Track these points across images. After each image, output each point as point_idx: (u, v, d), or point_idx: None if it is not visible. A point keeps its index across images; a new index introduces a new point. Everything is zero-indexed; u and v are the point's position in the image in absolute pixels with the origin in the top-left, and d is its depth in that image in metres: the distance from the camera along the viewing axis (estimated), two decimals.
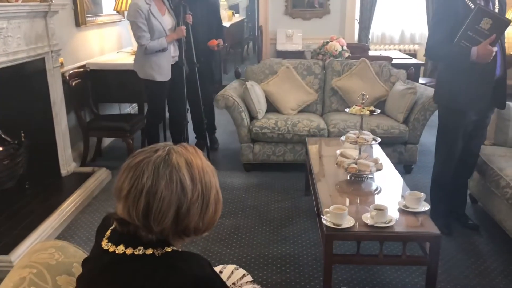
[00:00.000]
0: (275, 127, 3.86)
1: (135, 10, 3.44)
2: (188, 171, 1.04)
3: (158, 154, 1.04)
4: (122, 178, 1.04)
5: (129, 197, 1.02)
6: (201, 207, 1.06)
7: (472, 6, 2.57)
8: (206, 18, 4.18)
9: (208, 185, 1.07)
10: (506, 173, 2.76)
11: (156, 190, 1.00)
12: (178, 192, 1.02)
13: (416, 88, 3.91)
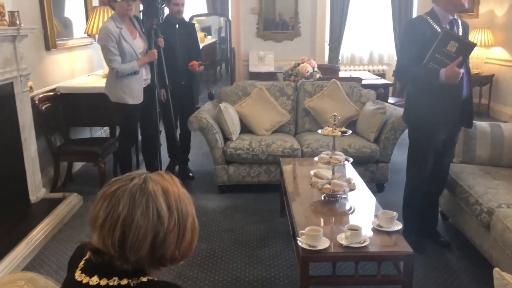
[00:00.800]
0: (250, 148, 3.87)
1: (105, 33, 3.43)
2: (165, 199, 1.04)
3: (134, 182, 1.03)
4: (98, 207, 1.03)
5: (104, 226, 1.00)
6: (178, 235, 1.05)
7: (439, 29, 2.67)
8: (185, 41, 4.20)
9: (185, 213, 1.07)
10: (475, 190, 2.84)
11: (132, 219, 0.99)
12: (154, 220, 1.01)
13: (385, 108, 4.00)
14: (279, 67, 6.60)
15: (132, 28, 3.61)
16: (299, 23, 6.92)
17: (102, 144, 3.98)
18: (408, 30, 2.82)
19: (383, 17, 7.01)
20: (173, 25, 4.16)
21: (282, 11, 7.01)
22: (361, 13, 7.09)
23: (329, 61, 7.02)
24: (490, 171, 3.11)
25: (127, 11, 3.49)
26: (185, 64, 4.15)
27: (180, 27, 4.20)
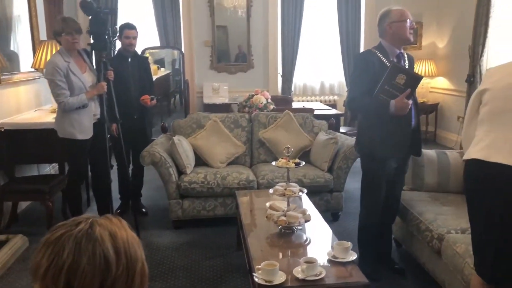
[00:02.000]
0: (205, 181, 3.83)
1: (52, 68, 3.34)
2: (113, 244, 0.99)
3: (80, 227, 0.99)
4: (40, 254, 0.97)
5: (47, 275, 0.94)
6: (126, 281, 1.00)
7: (387, 63, 2.79)
8: (138, 75, 4.16)
9: (134, 258, 1.03)
10: (425, 217, 2.92)
11: (77, 266, 0.94)
12: (101, 267, 0.96)
13: (337, 138, 4.09)
14: (234, 99, 6.64)
15: (81, 62, 3.54)
16: (252, 56, 7.04)
17: (49, 182, 3.82)
18: (358, 63, 2.93)
19: (332, 48, 7.24)
20: (125, 58, 4.12)
21: (235, 44, 7.12)
22: (312, 44, 7.30)
23: (282, 92, 7.13)
24: (439, 197, 3.22)
25: (73, 45, 3.42)
26: (137, 98, 4.09)
27: (132, 60, 4.16)
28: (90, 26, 3.41)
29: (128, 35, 4.05)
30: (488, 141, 2.00)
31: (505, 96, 1.99)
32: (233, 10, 6.99)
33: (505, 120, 1.98)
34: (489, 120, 2.05)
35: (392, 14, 2.80)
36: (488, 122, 2.05)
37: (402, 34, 2.79)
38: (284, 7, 6.88)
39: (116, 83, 3.86)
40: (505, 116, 1.98)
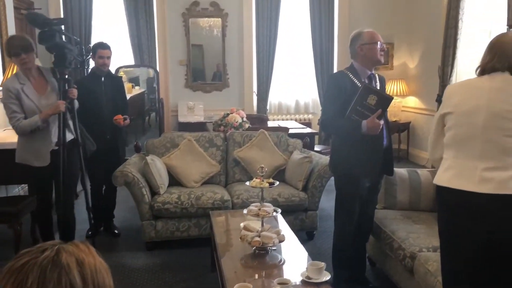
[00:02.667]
0: (178, 202, 3.79)
1: (5, 91, 3.23)
2: (80, 272, 0.97)
3: (46, 254, 0.96)
4: (2, 284, 0.93)
5: None
6: None
7: (359, 84, 2.84)
8: (111, 94, 4.10)
9: (102, 286, 1.00)
10: (398, 235, 2.95)
11: None
12: None
13: (311, 157, 4.12)
14: (209, 117, 6.65)
15: (42, 82, 3.33)
16: (227, 75, 7.07)
17: (17, 204, 3.69)
18: (331, 84, 2.98)
19: (307, 67, 7.34)
20: (98, 77, 4.07)
21: (210, 63, 7.15)
22: (287, 63, 7.39)
23: (258, 111, 7.17)
24: (411, 215, 3.26)
25: (23, 65, 3.22)
26: (110, 118, 4.04)
27: (106, 79, 4.11)
28: (38, 41, 3.21)
29: (101, 55, 4.01)
30: (457, 169, 2.05)
31: (469, 122, 2.03)
32: (208, 30, 7.04)
33: (471, 147, 2.02)
34: (455, 146, 2.09)
35: (363, 36, 2.86)
36: (455, 148, 2.10)
37: (373, 56, 2.86)
38: (259, 27, 6.97)
39: (89, 103, 3.80)
40: (470, 142, 2.02)
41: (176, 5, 6.80)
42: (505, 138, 1.95)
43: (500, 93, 1.98)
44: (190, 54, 6.94)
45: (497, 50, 2.02)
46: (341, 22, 7.17)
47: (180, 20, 6.86)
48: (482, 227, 1.98)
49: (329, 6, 7.08)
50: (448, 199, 2.09)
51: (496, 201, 1.94)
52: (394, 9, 7.16)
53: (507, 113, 1.95)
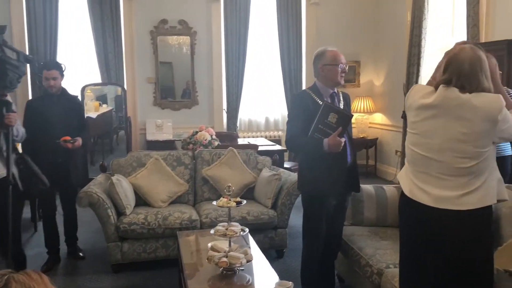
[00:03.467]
0: (145, 222, 3.71)
1: None
2: None
3: None
4: None
5: None
6: None
7: (320, 102, 2.87)
8: (65, 116, 3.83)
9: None
10: (365, 252, 2.96)
11: None
12: None
13: (280, 174, 4.12)
14: (178, 135, 6.59)
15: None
16: (196, 92, 7.05)
17: None
18: (294, 104, 3.00)
19: (276, 84, 7.40)
20: (50, 98, 3.82)
21: (180, 80, 7.12)
22: (256, 80, 7.42)
23: (228, 128, 7.16)
24: (378, 231, 3.29)
25: None
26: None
27: (59, 100, 3.84)
28: None
29: (46, 76, 3.76)
30: (418, 183, 2.10)
31: (427, 142, 2.08)
32: (178, 47, 7.03)
33: (428, 166, 2.08)
34: (415, 163, 2.14)
35: (325, 57, 2.90)
36: (414, 165, 2.15)
37: (333, 77, 2.89)
38: (228, 45, 7.00)
39: (38, 125, 3.62)
40: (428, 162, 2.08)
41: (144, 23, 6.77)
42: (459, 160, 2.00)
43: (454, 114, 2.01)
44: (158, 72, 6.90)
45: (453, 70, 2.04)
46: (309, 40, 7.29)
47: (148, 38, 6.83)
48: (438, 241, 2.04)
49: (296, 24, 7.19)
50: (409, 210, 2.14)
51: (451, 216, 2.00)
52: (360, 28, 7.34)
53: (463, 136, 1.99)
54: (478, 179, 2.00)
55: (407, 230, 2.21)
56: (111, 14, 6.62)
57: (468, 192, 2.00)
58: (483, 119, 1.96)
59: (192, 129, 5.32)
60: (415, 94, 2.18)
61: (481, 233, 2.05)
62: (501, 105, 1.97)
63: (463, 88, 2.01)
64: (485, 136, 1.98)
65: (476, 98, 1.99)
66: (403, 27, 6.49)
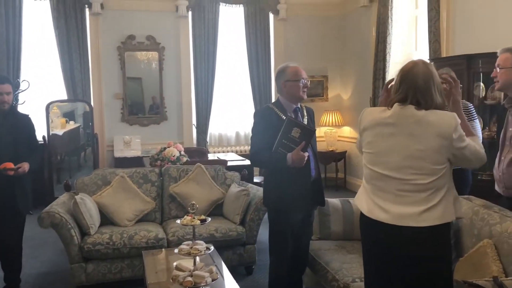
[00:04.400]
0: (110, 242, 3.62)
1: None
2: None
3: None
4: None
5: None
6: None
7: (284, 117, 2.88)
8: (11, 137, 3.50)
9: None
10: (332, 266, 2.96)
11: None
12: None
13: (249, 190, 4.10)
14: (147, 151, 6.51)
15: None
16: (165, 108, 7.00)
17: None
18: (257, 119, 3.01)
19: (246, 97, 7.42)
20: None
21: (150, 96, 7.07)
22: (226, 95, 7.43)
23: (198, 144, 7.12)
24: (345, 245, 3.30)
25: None
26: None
27: (6, 119, 3.51)
28: None
29: (0, 91, 3.44)
30: (377, 202, 2.11)
31: (384, 161, 2.09)
32: (147, 62, 6.99)
33: (387, 184, 2.09)
34: (372, 182, 2.16)
35: (286, 73, 2.93)
36: (372, 184, 2.16)
37: (295, 93, 2.92)
38: (197, 60, 7.01)
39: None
40: (386, 180, 2.09)
41: (111, 39, 6.71)
42: (416, 176, 2.02)
43: (410, 131, 2.03)
44: (126, 88, 6.83)
45: (409, 86, 2.06)
46: (277, 55, 7.36)
47: (116, 53, 6.77)
48: (399, 258, 2.05)
49: (265, 39, 7.27)
50: (370, 229, 2.15)
51: (412, 233, 2.01)
52: (327, 43, 7.47)
53: (418, 151, 2.01)
54: (436, 195, 2.02)
55: (369, 248, 2.22)
56: (76, 30, 6.54)
57: (428, 209, 2.00)
58: (438, 136, 1.99)
59: (161, 145, 5.27)
60: (368, 116, 2.20)
61: (442, 248, 2.07)
62: (455, 123, 2.00)
63: (418, 104, 2.04)
64: (440, 152, 2.00)
65: (431, 115, 2.02)
66: (369, 42, 6.64)
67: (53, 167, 6.84)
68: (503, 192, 2.75)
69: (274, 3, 7.23)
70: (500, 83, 2.67)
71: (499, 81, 2.66)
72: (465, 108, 3.74)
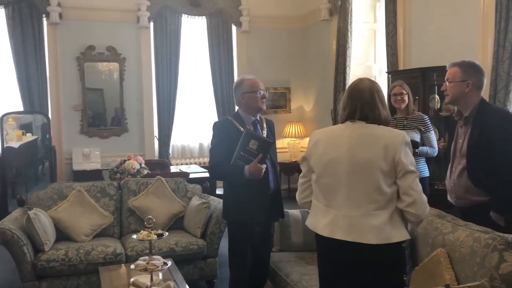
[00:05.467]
0: (65, 258, 3.50)
1: None
2: None
3: None
4: None
5: None
6: None
7: (242, 130, 2.88)
8: None
9: None
10: (291, 278, 2.96)
11: None
12: None
13: (210, 202, 4.06)
14: (107, 164, 6.36)
15: None
16: (126, 119, 6.88)
17: None
18: (216, 131, 3.00)
19: (210, 109, 7.37)
20: None
21: (112, 107, 6.93)
22: (189, 106, 7.36)
23: (160, 156, 7.02)
24: (305, 256, 3.30)
25: None
26: None
27: None
28: None
29: None
30: (330, 218, 2.11)
31: (333, 172, 2.11)
32: (108, 73, 6.87)
33: (337, 196, 2.10)
34: (323, 195, 2.17)
35: (243, 85, 2.94)
36: (323, 197, 2.17)
37: (254, 104, 2.93)
38: (159, 71, 6.94)
39: None
40: (337, 192, 2.10)
41: (70, 49, 6.56)
42: (367, 186, 2.04)
43: (358, 142, 2.08)
44: (85, 99, 6.68)
45: (356, 100, 2.12)
46: (240, 67, 7.39)
47: (75, 64, 6.62)
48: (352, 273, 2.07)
49: (228, 51, 7.28)
50: (323, 247, 2.17)
51: (363, 249, 2.02)
52: (290, 55, 7.55)
53: (367, 162, 2.04)
54: (386, 212, 2.03)
55: (323, 264, 2.24)
56: (34, 39, 6.36)
57: (378, 225, 2.01)
58: (386, 150, 2.02)
59: (122, 158, 5.17)
60: (317, 135, 2.24)
61: (394, 262, 2.09)
62: (403, 139, 2.04)
63: (366, 118, 2.10)
64: (390, 167, 2.02)
65: (381, 130, 2.08)
66: (329, 55, 6.76)
67: (8, 181, 6.58)
68: (455, 202, 2.83)
69: (237, 15, 7.27)
70: (449, 96, 2.76)
71: (449, 94, 2.75)
72: (421, 120, 3.87)
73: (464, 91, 2.67)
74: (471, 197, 2.69)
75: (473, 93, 2.68)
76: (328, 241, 2.11)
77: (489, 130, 2.59)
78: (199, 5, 7.05)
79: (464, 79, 2.67)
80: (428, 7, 5.07)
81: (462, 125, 2.79)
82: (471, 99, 2.69)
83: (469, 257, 2.24)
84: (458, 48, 4.57)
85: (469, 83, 2.66)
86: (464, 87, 2.67)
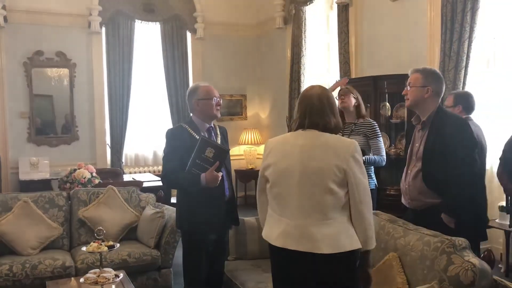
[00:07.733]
0: (10, 273, 3.32)
1: None
2: None
3: None
4: None
5: None
6: None
7: (197, 137, 2.84)
8: None
9: None
10: (247, 286, 2.94)
11: None
12: None
13: (164, 212, 3.97)
14: (56, 174, 6.11)
15: None
16: (76, 127, 6.66)
17: None
18: (169, 139, 2.94)
19: (164, 117, 7.25)
20: None
21: (61, 115, 6.67)
22: (143, 113, 7.21)
23: (112, 164, 6.82)
24: (261, 264, 3.29)
25: None
26: None
27: None
28: None
29: None
30: (283, 228, 2.11)
31: (285, 181, 2.11)
32: (57, 79, 6.62)
33: (290, 205, 2.10)
34: (277, 204, 2.17)
35: (198, 92, 2.91)
36: (277, 206, 2.17)
37: (209, 111, 2.91)
38: (111, 77, 6.77)
39: None
40: (289, 201, 2.10)
41: (16, 54, 6.29)
42: (318, 195, 2.04)
43: (309, 151, 2.08)
44: (33, 106, 6.40)
45: (305, 107, 2.14)
46: (195, 74, 7.33)
47: (22, 69, 6.34)
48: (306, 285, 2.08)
49: (183, 58, 7.21)
50: (276, 256, 2.17)
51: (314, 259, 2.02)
52: (245, 63, 7.58)
53: (318, 170, 2.05)
54: (338, 221, 2.05)
55: (276, 275, 2.23)
56: None
57: (331, 234, 2.03)
58: (338, 159, 2.04)
59: (71, 167, 4.98)
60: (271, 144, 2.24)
61: (349, 271, 2.10)
62: (354, 148, 2.07)
63: (316, 126, 2.11)
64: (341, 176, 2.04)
65: (331, 139, 2.10)
66: (284, 63, 6.83)
67: None
68: (408, 204, 2.90)
69: (191, 22, 7.21)
70: (410, 100, 2.83)
71: (409, 98, 2.83)
72: (369, 125, 3.88)
73: (424, 96, 2.76)
74: (424, 199, 2.77)
75: (432, 99, 2.77)
76: (280, 252, 2.10)
77: (444, 136, 2.68)
78: (153, 11, 6.95)
79: (424, 85, 2.75)
80: (379, 17, 5.23)
81: (419, 130, 2.87)
82: (430, 104, 2.78)
83: (419, 260, 2.30)
84: (408, 58, 4.73)
85: (429, 89, 2.74)
86: (424, 92, 2.75)
